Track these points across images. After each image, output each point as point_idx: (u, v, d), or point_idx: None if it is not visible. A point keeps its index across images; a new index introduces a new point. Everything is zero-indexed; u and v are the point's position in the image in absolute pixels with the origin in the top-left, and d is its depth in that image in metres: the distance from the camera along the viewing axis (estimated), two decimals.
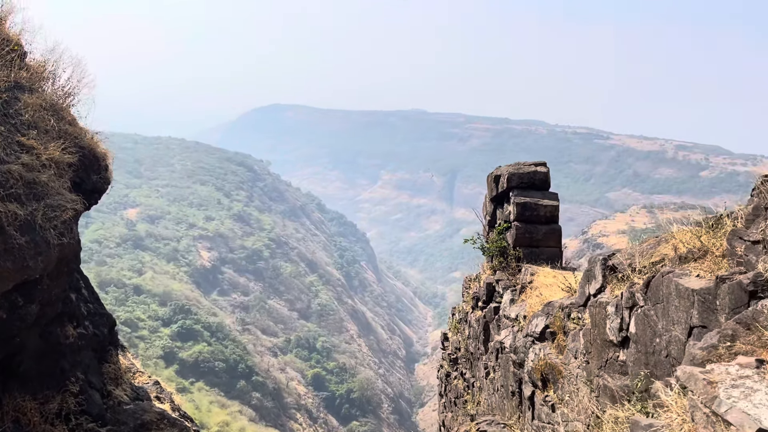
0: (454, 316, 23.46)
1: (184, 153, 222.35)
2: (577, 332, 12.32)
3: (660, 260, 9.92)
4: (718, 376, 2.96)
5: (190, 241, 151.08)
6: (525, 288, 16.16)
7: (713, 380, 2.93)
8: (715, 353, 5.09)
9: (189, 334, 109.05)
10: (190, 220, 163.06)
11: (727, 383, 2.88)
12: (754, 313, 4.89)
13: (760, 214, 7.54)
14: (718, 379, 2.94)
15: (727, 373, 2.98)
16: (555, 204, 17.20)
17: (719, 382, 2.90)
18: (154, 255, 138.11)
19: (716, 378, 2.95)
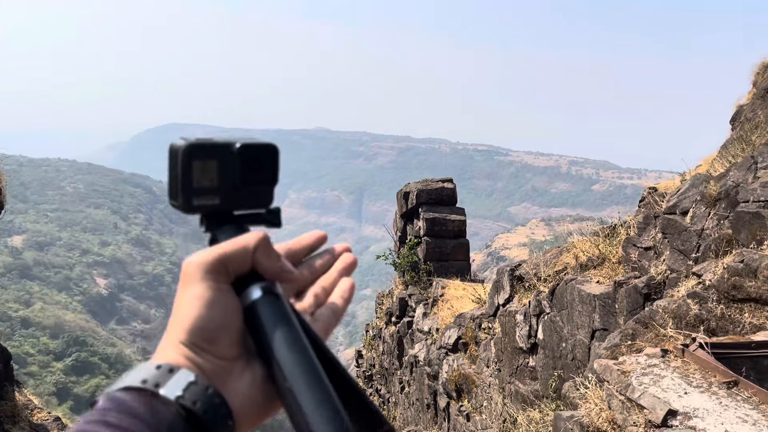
0: (368, 332, 23.55)
1: (76, 175, 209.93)
2: (489, 341, 12.77)
3: (563, 269, 10.53)
4: (630, 366, 3.24)
5: (84, 268, 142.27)
6: (437, 301, 16.56)
7: (626, 370, 3.20)
8: (618, 351, 5.48)
9: (85, 367, 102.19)
10: (83, 245, 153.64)
11: (638, 372, 3.16)
12: (650, 312, 5.32)
13: (650, 223, 8.21)
14: (630, 368, 3.22)
15: (638, 363, 3.27)
16: (462, 219, 17.79)
17: (631, 372, 3.18)
18: (44, 284, 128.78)
19: (628, 368, 3.22)
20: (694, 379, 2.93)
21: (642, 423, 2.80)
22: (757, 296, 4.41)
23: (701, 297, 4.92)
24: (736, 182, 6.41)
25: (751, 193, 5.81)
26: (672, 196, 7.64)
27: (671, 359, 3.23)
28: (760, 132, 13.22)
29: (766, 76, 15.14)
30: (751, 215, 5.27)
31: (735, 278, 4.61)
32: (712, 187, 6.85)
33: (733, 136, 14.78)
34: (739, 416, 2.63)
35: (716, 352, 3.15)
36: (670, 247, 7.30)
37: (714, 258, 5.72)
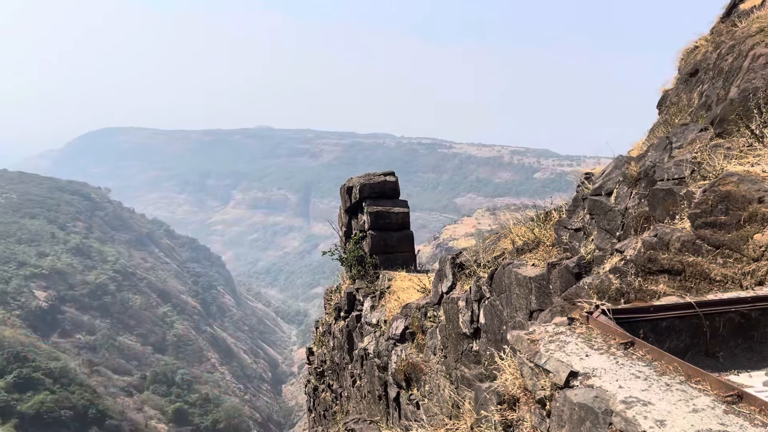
0: (318, 329, 23.56)
1: (8, 185, 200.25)
2: (434, 329, 13.01)
3: (501, 254, 10.83)
4: (539, 335, 3.43)
5: (21, 281, 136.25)
6: (384, 294, 16.71)
7: (535, 339, 3.39)
8: None
9: (27, 383, 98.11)
10: (19, 258, 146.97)
11: (546, 339, 3.36)
12: (576, 289, 5.57)
13: (579, 205, 8.55)
14: (538, 337, 3.41)
15: (546, 332, 3.46)
16: (405, 211, 18.00)
17: (539, 340, 3.37)
18: None
19: (537, 337, 3.41)
20: (595, 343, 3.14)
21: (548, 386, 3.00)
22: (669, 267, 4.68)
23: (621, 271, 5.20)
24: (654, 162, 6.75)
25: (666, 172, 6.15)
26: (597, 178, 7.99)
27: (576, 326, 3.43)
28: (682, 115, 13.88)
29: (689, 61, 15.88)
30: (665, 192, 5.59)
31: (650, 252, 4.88)
32: (633, 168, 7.19)
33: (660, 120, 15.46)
34: (632, 373, 2.86)
35: (618, 317, 3.37)
36: (597, 227, 7.62)
37: (634, 234, 6.03)
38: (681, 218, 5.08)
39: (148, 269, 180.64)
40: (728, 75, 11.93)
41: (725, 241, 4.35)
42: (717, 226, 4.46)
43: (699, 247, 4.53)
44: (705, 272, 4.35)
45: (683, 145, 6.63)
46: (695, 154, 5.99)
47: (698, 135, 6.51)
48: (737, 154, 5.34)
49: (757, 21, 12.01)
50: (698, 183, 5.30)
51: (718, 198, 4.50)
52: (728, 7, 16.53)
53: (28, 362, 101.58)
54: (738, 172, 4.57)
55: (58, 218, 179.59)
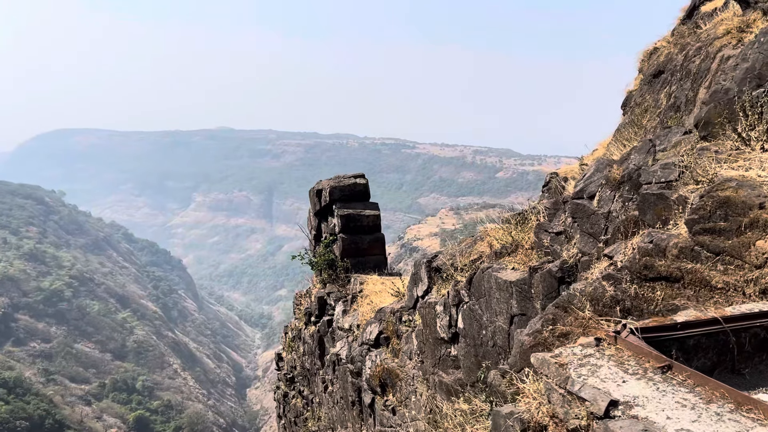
0: (287, 334, 23.16)
1: None
2: (410, 334, 12.84)
3: (478, 257, 10.71)
4: (566, 357, 3.26)
5: None
6: (356, 297, 16.47)
7: (563, 362, 3.22)
8: (541, 337, 5.59)
9: None
10: None
11: (575, 363, 3.19)
12: (568, 296, 5.46)
13: (559, 208, 8.48)
14: (566, 360, 3.24)
15: (574, 354, 3.30)
16: (376, 213, 17.81)
17: (568, 363, 3.20)
18: None
19: (565, 360, 3.24)
20: (629, 366, 3.00)
21: (584, 415, 2.84)
22: (667, 274, 4.61)
23: (615, 278, 5.10)
24: (638, 165, 6.71)
25: (652, 175, 6.09)
26: (579, 181, 7.92)
27: (605, 347, 3.30)
28: (649, 116, 14.03)
29: (651, 62, 16.09)
30: (656, 197, 5.53)
31: (646, 258, 4.80)
32: (616, 171, 7.14)
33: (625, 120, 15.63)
34: (677, 401, 2.72)
35: (646, 336, 3.24)
36: (580, 231, 7.56)
37: (623, 239, 5.96)
38: (675, 224, 5.02)
39: (106, 274, 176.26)
40: (696, 76, 12.08)
41: (726, 248, 4.29)
42: (716, 233, 4.41)
43: (698, 253, 4.46)
44: (705, 279, 4.29)
45: (667, 148, 6.60)
46: (681, 157, 5.95)
47: (683, 138, 6.49)
48: (726, 157, 5.31)
49: (724, 23, 12.18)
50: (689, 187, 5.25)
51: (716, 203, 4.45)
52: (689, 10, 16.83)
53: None
54: (735, 177, 4.53)
55: (10, 223, 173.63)
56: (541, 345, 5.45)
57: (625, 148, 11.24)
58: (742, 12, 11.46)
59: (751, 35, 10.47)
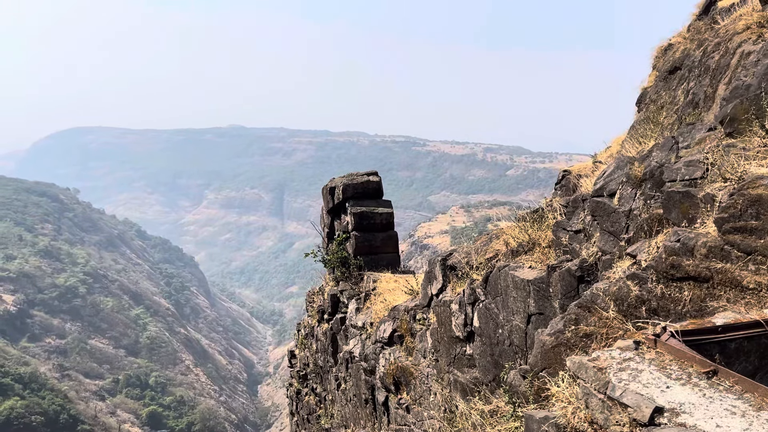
0: (300, 332, 23.16)
1: None
2: (424, 332, 12.76)
3: (494, 256, 10.60)
4: (605, 361, 3.16)
5: None
6: (369, 295, 16.41)
7: (602, 366, 3.12)
8: (563, 337, 5.49)
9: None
10: None
11: (615, 368, 3.09)
12: (591, 296, 5.36)
13: (578, 206, 8.36)
14: (605, 364, 3.13)
15: (612, 358, 3.20)
16: (390, 211, 17.72)
17: (608, 368, 3.10)
18: None
19: (604, 364, 3.14)
20: (672, 371, 2.90)
21: (626, 422, 2.73)
22: (695, 274, 4.49)
23: (640, 278, 4.99)
24: (660, 162, 6.57)
25: (676, 173, 5.96)
26: (599, 178, 7.79)
27: (645, 351, 3.19)
28: (666, 112, 13.83)
29: (666, 59, 15.87)
30: (681, 194, 5.40)
31: (673, 257, 4.69)
32: (637, 169, 7.01)
33: (641, 117, 15.41)
34: (726, 408, 2.61)
35: (686, 339, 3.13)
36: (600, 229, 7.44)
37: (646, 238, 5.83)
38: (703, 222, 4.90)
39: (120, 271, 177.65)
40: (715, 72, 11.87)
41: (758, 248, 4.17)
42: (747, 232, 4.29)
43: (728, 253, 4.35)
44: (736, 280, 4.17)
45: (691, 145, 6.47)
46: (706, 154, 5.82)
47: (707, 134, 6.35)
48: (754, 154, 5.18)
49: (743, 18, 11.96)
50: (717, 185, 5.13)
51: (747, 202, 4.32)
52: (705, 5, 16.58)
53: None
54: (766, 175, 4.40)
55: (26, 220, 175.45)
56: (563, 345, 5.35)
57: (640, 145, 11.07)
58: (762, 7, 11.24)
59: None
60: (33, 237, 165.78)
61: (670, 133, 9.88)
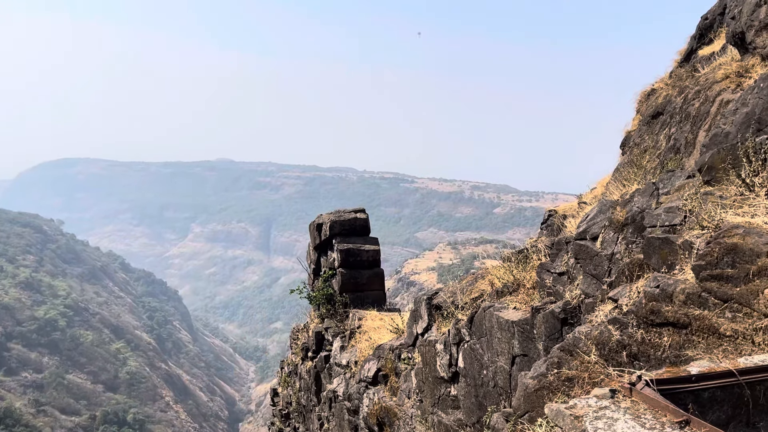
0: (283, 369, 22.87)
1: None
2: (409, 372, 12.68)
3: (479, 296, 10.65)
4: (582, 410, 3.20)
5: None
6: (354, 333, 16.32)
7: (578, 414, 3.16)
8: (546, 381, 5.52)
9: None
10: None
11: (591, 416, 3.13)
12: (574, 340, 5.41)
13: (562, 248, 8.47)
14: (582, 412, 3.18)
15: (589, 406, 3.24)
16: (376, 248, 17.78)
17: (584, 416, 3.14)
18: None
19: (580, 412, 3.18)
20: (646, 420, 2.94)
21: None
22: (674, 320, 4.57)
23: (621, 323, 5.06)
24: (641, 208, 6.72)
25: (656, 219, 6.10)
26: (582, 222, 7.92)
27: (620, 399, 3.24)
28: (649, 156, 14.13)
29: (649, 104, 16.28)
30: (661, 241, 5.52)
31: (653, 303, 4.77)
32: (619, 213, 7.15)
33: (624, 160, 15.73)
34: None
35: (661, 388, 3.19)
36: (583, 272, 7.53)
37: (628, 282, 5.93)
38: (681, 269, 5.00)
39: (102, 304, 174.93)
40: (695, 119, 12.20)
41: (734, 295, 4.27)
42: (724, 279, 4.39)
43: (705, 300, 4.44)
44: (713, 327, 4.25)
45: (671, 192, 6.63)
46: (685, 201, 5.97)
47: (686, 182, 6.52)
48: (731, 203, 5.32)
49: (722, 67, 12.36)
50: (694, 232, 5.25)
51: (723, 250, 4.44)
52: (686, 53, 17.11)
53: None
54: (741, 224, 4.53)
55: (7, 251, 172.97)
56: (546, 389, 5.37)
57: (624, 187, 11.28)
58: (741, 57, 11.64)
59: (750, 80, 10.62)
60: (14, 268, 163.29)
61: (653, 177, 10.10)
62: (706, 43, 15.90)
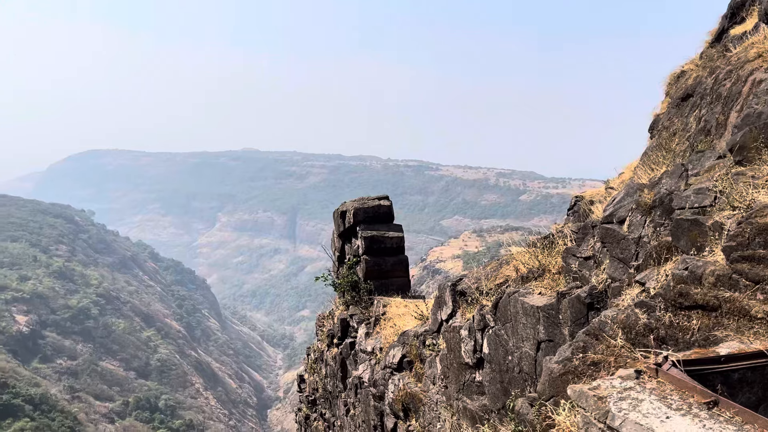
0: (309, 356, 23.06)
1: None
2: (434, 358, 12.67)
3: (504, 281, 10.56)
4: (605, 390, 3.14)
5: (2, 305, 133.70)
6: (379, 320, 16.35)
7: (602, 395, 3.09)
8: (571, 365, 5.44)
9: (7, 410, 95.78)
10: (0, 281, 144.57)
11: (615, 397, 3.06)
12: (599, 324, 5.32)
13: (588, 233, 8.33)
14: (605, 393, 3.11)
15: (613, 387, 3.17)
16: (400, 235, 17.74)
17: (608, 397, 3.07)
18: None
19: (604, 393, 3.12)
20: (673, 401, 2.87)
21: None
22: (703, 303, 4.46)
23: (649, 306, 4.96)
24: (670, 190, 6.56)
25: (685, 200, 5.95)
26: (608, 205, 7.78)
27: (646, 380, 3.17)
28: (678, 139, 13.80)
29: (678, 86, 15.88)
30: (690, 222, 5.38)
31: (681, 286, 4.66)
32: (647, 196, 7.00)
33: (653, 144, 15.39)
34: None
35: (689, 369, 3.10)
36: (609, 256, 7.41)
37: (655, 265, 5.80)
38: (711, 250, 4.87)
39: (132, 293, 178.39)
40: (727, 100, 11.87)
41: (766, 276, 4.14)
42: (755, 260, 4.26)
43: (736, 281, 4.32)
44: (744, 309, 4.14)
45: (700, 173, 6.46)
46: (715, 182, 5.81)
47: (716, 162, 6.34)
48: (763, 183, 5.16)
49: (755, 46, 11.99)
50: (725, 213, 5.11)
51: (755, 230, 4.30)
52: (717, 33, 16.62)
53: (8, 389, 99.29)
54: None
55: (41, 241, 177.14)
56: (571, 373, 5.30)
57: (653, 171, 11.05)
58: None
59: None
60: (48, 258, 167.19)
61: (682, 160, 9.86)
62: (738, 22, 15.44)
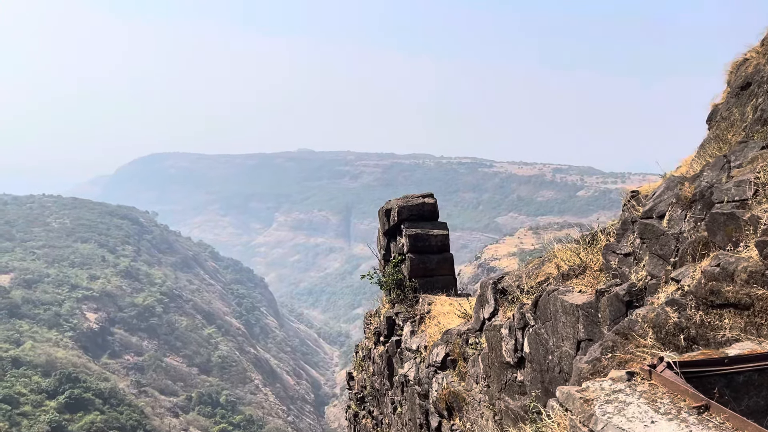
0: (358, 354, 23.21)
1: (62, 210, 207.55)
2: (476, 357, 12.52)
3: (545, 279, 10.33)
4: (593, 393, 3.00)
5: (74, 303, 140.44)
6: (424, 318, 16.29)
7: (589, 398, 2.97)
8: (600, 365, 5.27)
9: (78, 403, 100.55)
10: (72, 281, 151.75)
11: (602, 399, 2.93)
12: (629, 323, 5.13)
13: (628, 228, 8.05)
14: (593, 396, 2.98)
15: (601, 389, 3.03)
16: (445, 233, 17.60)
17: (594, 399, 2.94)
18: (34, 322, 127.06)
19: (591, 395, 2.99)
20: (662, 404, 2.71)
21: None
22: (735, 301, 4.23)
23: (680, 304, 4.74)
24: (710, 183, 6.26)
25: (725, 193, 5.66)
26: (648, 199, 7.49)
27: (638, 383, 3.01)
28: (735, 130, 13.17)
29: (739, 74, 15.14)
30: (726, 216, 5.11)
31: (712, 283, 4.43)
32: (687, 189, 6.71)
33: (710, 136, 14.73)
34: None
35: (687, 371, 2.93)
36: (649, 253, 7.14)
37: (692, 262, 5.55)
38: (746, 246, 4.61)
39: (194, 291, 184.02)
40: None
41: None
42: None
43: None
44: None
45: (743, 164, 6.13)
46: (758, 173, 5.50)
47: (760, 153, 6.01)
48: None
49: None
50: (764, 206, 4.82)
51: None
52: None
53: (79, 383, 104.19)
54: None
55: (108, 242, 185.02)
56: (600, 373, 5.13)
57: None
58: None
59: None
60: (115, 258, 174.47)
61: None
62: None
